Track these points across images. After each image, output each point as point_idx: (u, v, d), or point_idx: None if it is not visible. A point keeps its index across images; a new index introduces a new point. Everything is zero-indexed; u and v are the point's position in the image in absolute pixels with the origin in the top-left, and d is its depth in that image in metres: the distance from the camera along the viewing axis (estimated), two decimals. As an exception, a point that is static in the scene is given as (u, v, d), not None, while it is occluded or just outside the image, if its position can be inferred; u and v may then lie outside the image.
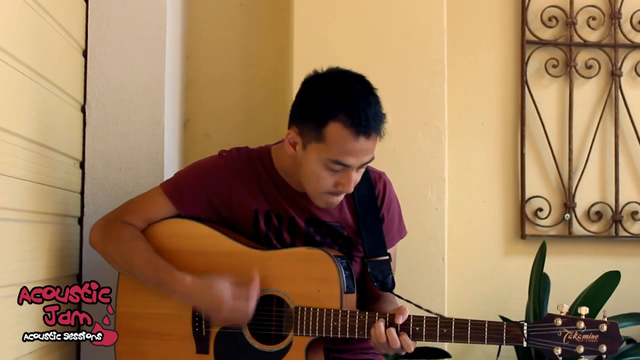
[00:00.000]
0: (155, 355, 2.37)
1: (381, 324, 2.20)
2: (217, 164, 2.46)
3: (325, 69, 2.32)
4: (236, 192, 2.42)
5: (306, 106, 2.29)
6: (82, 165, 2.76)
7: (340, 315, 2.25)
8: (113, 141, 2.76)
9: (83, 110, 2.77)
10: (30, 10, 2.24)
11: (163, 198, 2.43)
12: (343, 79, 2.29)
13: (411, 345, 2.20)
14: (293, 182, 2.42)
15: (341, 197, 2.35)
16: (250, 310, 2.25)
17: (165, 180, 2.52)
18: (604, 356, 2.12)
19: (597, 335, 2.11)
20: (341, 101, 2.22)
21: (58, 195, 2.51)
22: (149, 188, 2.53)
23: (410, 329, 2.20)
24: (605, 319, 2.12)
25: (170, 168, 2.87)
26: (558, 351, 2.12)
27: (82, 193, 2.75)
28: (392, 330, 2.19)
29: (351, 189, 2.28)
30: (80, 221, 2.74)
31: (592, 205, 3.46)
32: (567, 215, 3.43)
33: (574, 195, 3.44)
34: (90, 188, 2.75)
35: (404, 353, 2.22)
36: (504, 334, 2.16)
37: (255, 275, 2.27)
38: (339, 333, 2.24)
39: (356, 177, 2.29)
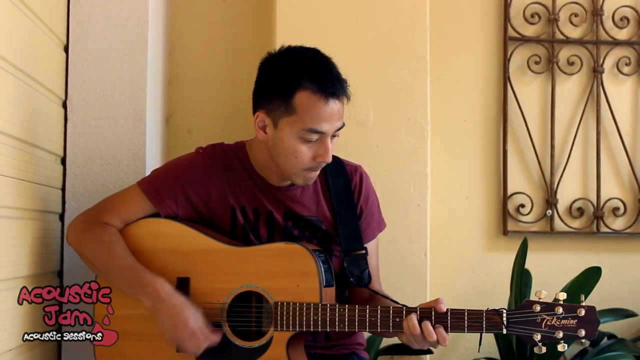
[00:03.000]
0: (135, 356, 2.36)
1: (414, 317, 2.18)
2: (194, 161, 2.46)
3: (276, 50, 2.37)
4: (214, 189, 2.41)
5: (269, 84, 2.32)
6: (63, 161, 2.75)
7: (320, 309, 2.25)
8: (94, 137, 2.75)
9: (64, 106, 2.75)
10: (11, 6, 2.23)
11: (141, 196, 2.42)
12: (298, 51, 2.35)
13: (446, 338, 2.18)
14: (269, 176, 2.42)
15: (318, 171, 2.36)
16: (196, 352, 2.27)
17: (142, 178, 2.51)
18: (583, 340, 2.14)
19: (576, 320, 2.13)
20: (303, 69, 2.27)
21: (39, 191, 2.50)
22: (131, 184, 2.52)
23: (391, 320, 2.20)
24: (583, 304, 2.14)
25: (152, 164, 2.86)
26: (537, 337, 2.14)
27: (63, 189, 2.74)
28: (428, 323, 2.18)
29: (330, 158, 2.30)
30: (62, 217, 2.73)
31: (573, 202, 3.47)
32: (549, 212, 3.44)
33: (555, 192, 3.45)
34: (72, 184, 2.74)
35: (437, 347, 2.21)
36: (484, 322, 2.18)
37: (220, 335, 2.28)
38: (320, 327, 2.24)
39: (332, 146, 2.30)
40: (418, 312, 2.20)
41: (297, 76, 2.26)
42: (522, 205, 3.44)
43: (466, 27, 3.47)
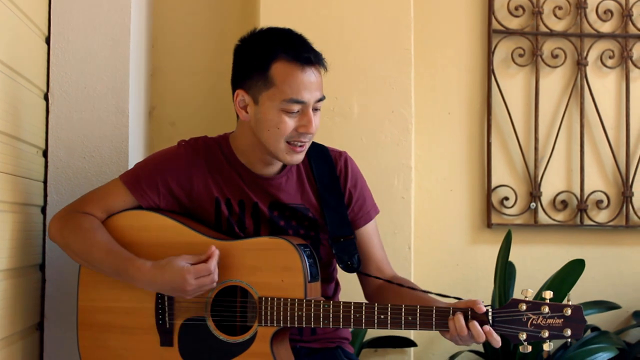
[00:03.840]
0: (119, 349, 2.35)
1: (461, 317, 2.15)
2: (176, 153, 2.44)
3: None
4: (197, 181, 2.40)
5: (245, 63, 2.34)
6: (45, 154, 2.73)
7: (304, 304, 2.23)
8: (77, 129, 2.73)
9: (46, 98, 2.73)
10: (-10, -4, 2.21)
11: (122, 189, 2.40)
12: (270, 29, 2.37)
13: (499, 340, 2.14)
14: (253, 165, 2.41)
15: (304, 149, 2.34)
16: (214, 281, 2.23)
17: (124, 171, 2.49)
18: (569, 340, 2.13)
19: (562, 320, 2.12)
20: (277, 42, 2.30)
21: (20, 184, 2.48)
22: (113, 177, 2.51)
23: (376, 316, 2.19)
24: (570, 303, 2.13)
25: (135, 157, 2.84)
26: (523, 336, 2.13)
27: (45, 182, 2.72)
28: (476, 323, 2.14)
29: (313, 130, 2.30)
30: (44, 210, 2.70)
31: (557, 194, 3.48)
32: (533, 204, 3.44)
33: (539, 184, 3.45)
34: (54, 177, 2.72)
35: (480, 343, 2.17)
36: None
37: (213, 249, 2.24)
38: (304, 323, 2.23)
39: (315, 120, 2.30)
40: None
41: (272, 49, 2.28)
42: (506, 198, 3.44)
43: (450, 19, 3.46)
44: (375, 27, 3.15)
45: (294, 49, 2.28)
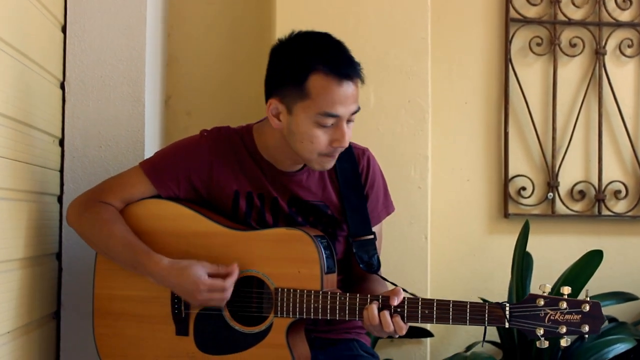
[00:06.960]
0: (134, 337, 2.35)
1: (374, 307, 2.17)
2: (198, 143, 2.43)
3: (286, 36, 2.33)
4: (217, 173, 2.39)
5: (282, 70, 2.27)
6: (61, 143, 2.73)
7: (321, 296, 2.22)
8: (93, 119, 2.74)
9: (62, 87, 2.73)
10: (7, -15, 2.21)
11: (142, 177, 2.39)
12: (310, 36, 2.31)
13: (403, 328, 2.17)
14: (278, 161, 2.39)
15: (336, 157, 2.32)
16: (225, 299, 2.24)
17: (145, 159, 2.49)
18: (586, 336, 2.11)
19: (580, 315, 2.10)
20: (316, 52, 2.23)
21: (37, 173, 2.48)
22: (130, 166, 2.51)
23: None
24: (588, 299, 2.11)
25: (151, 145, 2.84)
26: (540, 332, 2.11)
27: (61, 171, 2.72)
28: (386, 312, 2.16)
29: (346, 143, 2.26)
30: (60, 199, 2.71)
31: (575, 184, 3.45)
32: (551, 194, 3.42)
33: (557, 174, 3.43)
34: (70, 166, 2.72)
35: (397, 336, 2.19)
36: (486, 315, 2.14)
37: (235, 267, 2.25)
38: (320, 314, 2.22)
39: (348, 131, 2.27)
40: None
41: (310, 59, 2.21)
42: (524, 188, 3.42)
43: (467, 8, 3.44)
44: (392, 16, 3.13)
45: (333, 62, 2.22)
